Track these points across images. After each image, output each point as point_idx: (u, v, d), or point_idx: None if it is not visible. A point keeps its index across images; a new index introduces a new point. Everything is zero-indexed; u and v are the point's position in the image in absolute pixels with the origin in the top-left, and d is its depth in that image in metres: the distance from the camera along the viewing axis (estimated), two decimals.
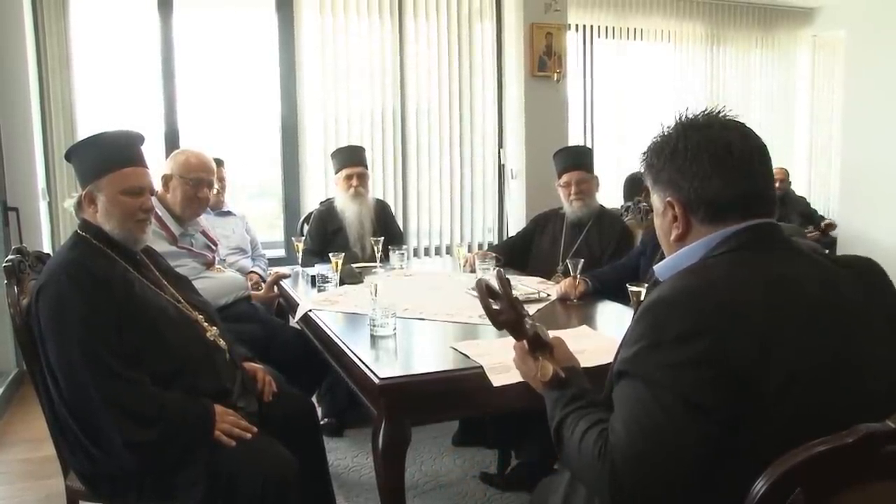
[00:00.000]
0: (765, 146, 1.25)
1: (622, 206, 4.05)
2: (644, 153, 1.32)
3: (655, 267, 1.35)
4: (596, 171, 3.60)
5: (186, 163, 2.85)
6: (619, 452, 1.09)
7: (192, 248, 2.87)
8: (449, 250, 5.30)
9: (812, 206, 6.36)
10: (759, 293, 1.10)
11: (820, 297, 1.14)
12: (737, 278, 1.13)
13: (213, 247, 3.03)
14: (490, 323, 1.42)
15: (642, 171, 1.34)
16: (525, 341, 1.40)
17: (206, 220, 3.16)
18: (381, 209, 4.05)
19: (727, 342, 1.06)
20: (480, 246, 5.36)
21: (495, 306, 1.36)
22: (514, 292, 1.42)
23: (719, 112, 1.28)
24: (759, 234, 1.20)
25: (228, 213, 3.88)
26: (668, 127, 1.29)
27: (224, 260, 3.25)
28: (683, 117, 1.28)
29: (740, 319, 1.07)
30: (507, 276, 1.46)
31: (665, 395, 1.07)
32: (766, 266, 1.16)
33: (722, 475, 1.07)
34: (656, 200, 1.31)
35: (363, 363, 1.95)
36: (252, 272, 3.59)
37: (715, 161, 1.20)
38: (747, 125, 1.27)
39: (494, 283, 1.41)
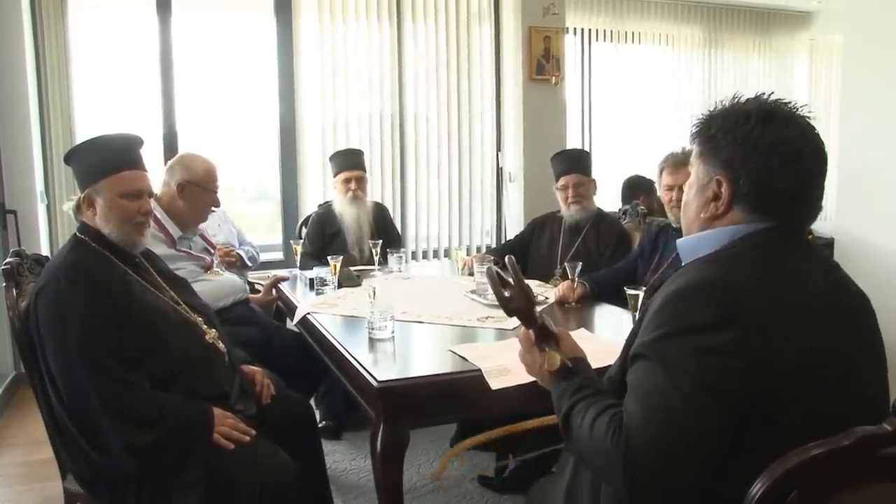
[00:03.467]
0: (827, 160, 1.23)
1: (620, 210, 4.06)
2: (706, 118, 1.28)
3: (678, 241, 1.35)
4: (594, 175, 3.60)
5: (207, 173, 2.81)
6: (635, 435, 1.09)
7: (190, 251, 2.87)
8: (447, 253, 5.30)
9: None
10: (784, 289, 1.13)
11: (829, 299, 1.17)
12: (763, 273, 1.14)
13: (212, 250, 3.03)
14: (488, 325, 1.41)
15: (694, 133, 1.30)
16: (533, 331, 1.39)
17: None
18: (380, 212, 4.06)
19: (753, 334, 1.07)
20: (478, 249, 5.36)
21: (506, 293, 1.35)
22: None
23: (798, 108, 1.24)
24: (784, 234, 1.21)
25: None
26: (741, 100, 1.26)
27: (222, 262, 3.25)
28: (766, 102, 1.24)
29: (766, 313, 1.09)
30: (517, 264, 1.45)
31: (685, 381, 1.08)
32: (784, 265, 1.18)
33: (732, 467, 1.07)
34: (700, 170, 1.28)
35: (361, 366, 1.96)
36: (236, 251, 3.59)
37: (784, 163, 1.18)
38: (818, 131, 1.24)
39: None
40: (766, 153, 1.19)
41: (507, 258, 1.42)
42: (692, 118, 1.33)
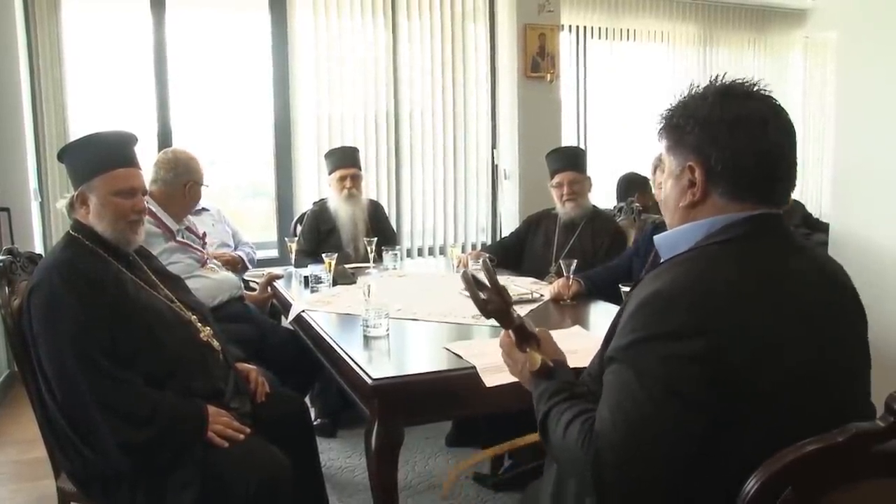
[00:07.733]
0: (795, 131, 1.20)
1: (615, 207, 4.05)
2: (668, 112, 1.26)
3: (656, 238, 1.33)
4: (589, 172, 3.60)
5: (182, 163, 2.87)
6: (604, 440, 1.08)
7: (188, 242, 2.88)
8: (442, 251, 5.30)
9: (807, 208, 6.37)
10: (760, 292, 1.10)
11: (817, 294, 1.14)
12: (738, 275, 1.11)
13: (198, 238, 3.04)
14: (483, 322, 1.41)
15: (660, 130, 1.29)
16: (512, 332, 1.39)
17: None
18: (375, 210, 4.06)
19: (725, 342, 1.05)
20: (474, 246, 5.36)
21: (483, 296, 1.36)
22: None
23: (754, 85, 1.21)
24: (764, 225, 1.18)
25: (203, 210, 3.82)
26: (697, 88, 1.23)
27: (215, 260, 3.24)
28: (719, 83, 1.22)
29: (740, 320, 1.07)
30: (492, 266, 1.45)
31: (656, 387, 1.06)
32: (768, 260, 1.15)
33: (708, 471, 1.07)
34: (672, 163, 1.26)
35: (356, 364, 1.96)
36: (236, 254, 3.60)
37: (751, 137, 1.16)
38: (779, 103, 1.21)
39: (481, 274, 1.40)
40: (730, 128, 1.16)
41: (482, 261, 1.43)
42: (659, 115, 1.30)
